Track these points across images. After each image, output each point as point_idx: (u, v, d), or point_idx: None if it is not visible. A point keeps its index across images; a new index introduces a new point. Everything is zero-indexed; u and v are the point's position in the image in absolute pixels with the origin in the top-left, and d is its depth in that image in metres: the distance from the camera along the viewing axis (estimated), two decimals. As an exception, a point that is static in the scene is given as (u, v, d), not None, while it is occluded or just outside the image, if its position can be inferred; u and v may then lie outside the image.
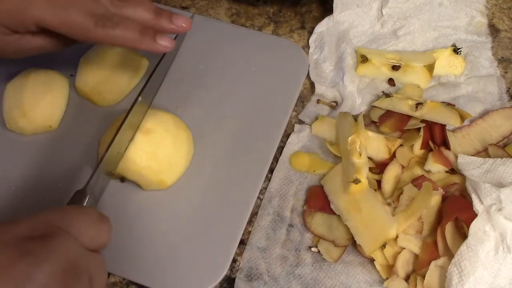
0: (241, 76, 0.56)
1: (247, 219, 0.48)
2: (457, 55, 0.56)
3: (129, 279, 0.46)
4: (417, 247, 0.45)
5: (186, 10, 0.63)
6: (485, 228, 0.42)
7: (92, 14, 0.40)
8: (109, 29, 0.40)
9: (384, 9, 0.58)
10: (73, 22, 0.40)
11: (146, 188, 0.49)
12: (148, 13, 0.43)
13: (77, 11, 0.40)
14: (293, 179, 0.51)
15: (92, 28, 0.40)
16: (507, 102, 0.54)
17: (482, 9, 0.60)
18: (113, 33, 0.40)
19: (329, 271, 0.46)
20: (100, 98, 0.54)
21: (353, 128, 0.50)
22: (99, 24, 0.40)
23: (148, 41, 0.42)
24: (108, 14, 0.41)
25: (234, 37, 0.59)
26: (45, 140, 0.52)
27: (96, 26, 0.40)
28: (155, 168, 0.47)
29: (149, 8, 0.43)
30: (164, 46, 0.42)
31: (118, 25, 0.41)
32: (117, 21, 0.41)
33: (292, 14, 0.63)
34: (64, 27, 0.40)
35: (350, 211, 0.46)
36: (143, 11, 0.43)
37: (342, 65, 0.56)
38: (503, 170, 0.46)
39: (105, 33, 0.40)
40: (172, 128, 0.49)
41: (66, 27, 0.40)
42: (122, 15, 0.42)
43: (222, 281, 0.46)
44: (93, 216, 0.35)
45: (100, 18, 0.40)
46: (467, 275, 0.41)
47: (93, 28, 0.40)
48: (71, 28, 0.40)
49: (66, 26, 0.40)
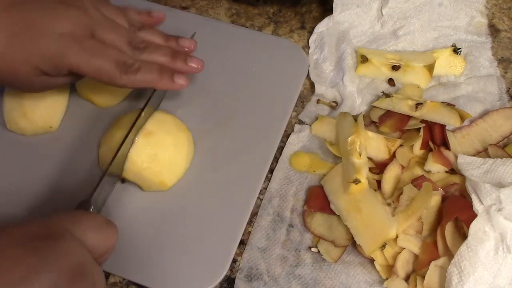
0: (241, 76, 0.56)
1: (247, 219, 0.48)
2: (457, 55, 0.56)
3: (129, 279, 0.46)
4: (417, 247, 0.45)
5: (186, 10, 0.63)
6: (485, 228, 0.42)
7: (117, 62, 0.44)
8: (131, 75, 0.45)
9: (384, 9, 0.58)
10: (103, 70, 0.44)
11: (146, 189, 0.49)
12: (166, 57, 0.47)
13: (106, 60, 0.44)
14: (293, 179, 0.51)
15: (118, 75, 0.44)
16: (507, 102, 0.54)
17: (482, 9, 0.60)
18: (135, 78, 0.45)
19: (329, 271, 0.46)
20: (101, 99, 0.54)
21: (353, 128, 0.50)
22: (123, 71, 0.44)
23: (166, 81, 0.46)
24: (130, 61, 0.45)
25: (234, 37, 0.59)
26: (46, 140, 0.52)
27: (121, 74, 0.44)
28: (155, 169, 0.48)
29: (166, 53, 0.48)
30: (181, 84, 0.47)
31: (139, 70, 0.45)
32: (138, 66, 0.45)
33: (292, 14, 0.63)
34: (94, 73, 0.44)
35: (350, 211, 0.46)
36: (160, 56, 0.47)
37: (342, 65, 0.56)
38: (503, 170, 0.46)
39: (128, 79, 0.45)
40: (172, 129, 0.49)
41: (96, 73, 0.44)
42: (142, 60, 0.46)
43: (222, 281, 0.46)
44: (100, 221, 0.38)
45: (124, 65, 0.44)
46: (467, 275, 0.41)
47: (119, 75, 0.44)
48: (100, 75, 0.44)
49: (96, 72, 0.44)
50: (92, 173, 0.50)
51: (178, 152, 0.49)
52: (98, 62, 0.43)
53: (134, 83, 0.45)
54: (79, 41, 0.43)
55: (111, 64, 0.44)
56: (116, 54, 0.44)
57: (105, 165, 0.49)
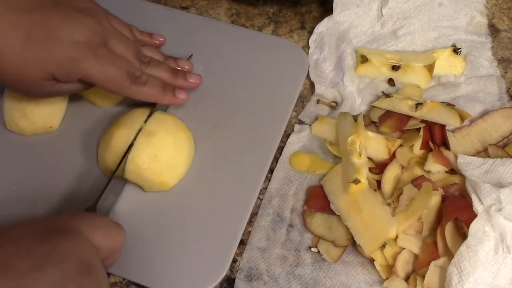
0: (241, 76, 0.56)
1: (247, 219, 0.48)
2: (457, 55, 0.56)
3: (129, 279, 0.46)
4: (417, 247, 0.45)
5: (186, 10, 0.63)
6: (485, 228, 0.42)
7: (127, 73, 0.46)
8: (139, 86, 0.47)
9: (384, 9, 0.58)
10: (114, 79, 0.45)
11: (147, 190, 0.49)
12: (167, 73, 0.50)
13: (117, 69, 0.45)
14: (293, 179, 0.51)
15: (127, 85, 0.46)
16: (507, 102, 0.54)
17: (482, 9, 0.60)
18: (142, 89, 0.47)
19: (329, 271, 0.46)
20: (100, 99, 0.54)
21: (353, 128, 0.50)
22: (132, 82, 0.46)
23: (169, 96, 0.49)
24: (138, 73, 0.47)
25: (234, 37, 0.59)
26: (46, 140, 0.52)
27: (131, 84, 0.46)
28: (156, 169, 0.48)
29: (168, 69, 0.51)
30: (182, 99, 0.50)
31: (146, 83, 0.48)
32: (146, 79, 0.48)
33: (292, 14, 0.63)
34: (105, 82, 0.45)
35: (350, 211, 0.46)
36: (163, 71, 0.50)
37: (342, 65, 0.56)
38: (503, 170, 0.46)
39: (136, 89, 0.47)
40: (173, 129, 0.49)
41: (107, 82, 0.45)
42: (147, 73, 0.48)
43: (222, 281, 0.46)
44: (108, 222, 0.40)
45: (133, 76, 0.47)
46: (467, 275, 0.41)
47: (128, 85, 0.46)
48: (110, 83, 0.46)
49: (107, 81, 0.45)
50: (92, 173, 0.51)
51: (179, 152, 0.49)
52: (110, 71, 0.45)
53: (139, 95, 0.47)
54: (93, 49, 0.44)
55: (122, 73, 0.46)
56: (127, 65, 0.46)
57: (104, 164, 0.49)
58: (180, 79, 0.51)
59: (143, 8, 0.61)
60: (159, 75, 0.50)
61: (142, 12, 0.61)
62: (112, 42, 0.46)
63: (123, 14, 0.50)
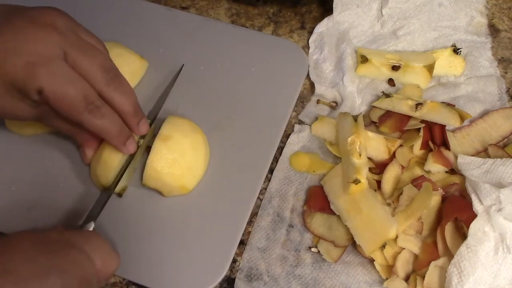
0: (241, 76, 0.56)
1: (247, 219, 0.48)
2: (457, 55, 0.56)
3: (129, 279, 0.46)
4: (417, 247, 0.45)
5: (186, 10, 0.63)
6: (484, 228, 0.42)
7: (85, 98, 0.42)
8: (94, 118, 0.43)
9: (384, 9, 0.58)
10: (68, 100, 0.42)
11: (167, 195, 0.49)
12: (129, 107, 0.46)
13: (74, 91, 0.42)
14: (293, 179, 0.51)
15: (82, 111, 0.42)
16: (507, 102, 0.54)
17: (482, 9, 0.60)
18: (96, 122, 0.44)
19: (329, 271, 0.46)
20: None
21: (353, 129, 0.50)
22: (88, 109, 0.43)
23: (119, 141, 0.46)
24: (98, 103, 0.43)
25: (234, 38, 0.59)
26: (46, 141, 0.52)
27: (85, 110, 0.43)
28: (176, 173, 0.47)
29: (131, 104, 0.46)
30: (128, 151, 0.47)
31: (103, 117, 0.44)
32: (104, 112, 0.44)
33: (292, 14, 0.63)
34: (58, 102, 0.42)
35: (350, 212, 0.46)
36: (125, 104, 0.45)
37: (342, 65, 0.56)
38: (503, 170, 0.46)
39: (90, 119, 0.43)
40: (189, 132, 0.49)
41: (61, 102, 0.42)
42: (109, 98, 0.44)
43: (222, 281, 0.46)
44: (107, 246, 0.40)
45: (91, 104, 0.43)
46: (467, 275, 0.41)
47: (82, 111, 0.42)
48: (64, 105, 0.42)
49: (60, 101, 0.42)
50: (92, 173, 0.51)
51: (196, 155, 0.49)
52: (65, 90, 0.41)
53: (91, 126, 0.44)
54: (46, 63, 0.41)
55: (78, 96, 0.42)
56: (86, 88, 0.43)
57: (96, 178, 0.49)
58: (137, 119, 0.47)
59: (143, 8, 0.61)
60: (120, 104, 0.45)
61: (142, 12, 0.61)
62: (75, 56, 0.42)
63: (123, 14, 0.50)
